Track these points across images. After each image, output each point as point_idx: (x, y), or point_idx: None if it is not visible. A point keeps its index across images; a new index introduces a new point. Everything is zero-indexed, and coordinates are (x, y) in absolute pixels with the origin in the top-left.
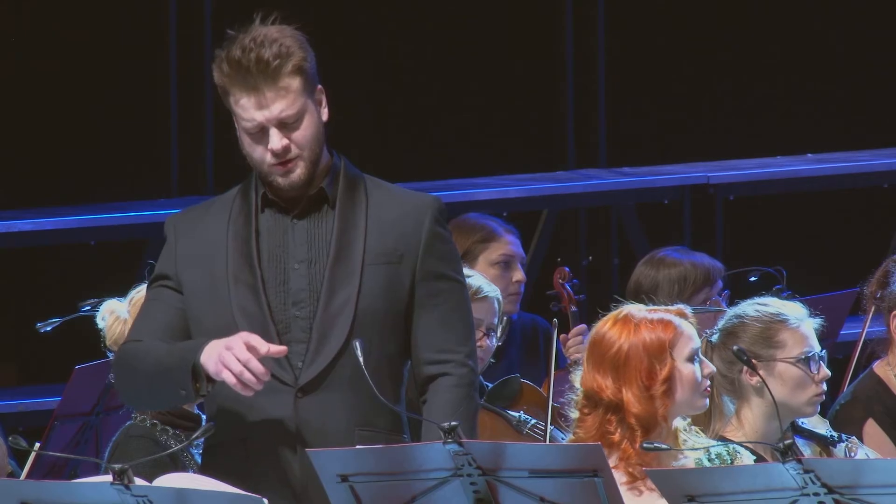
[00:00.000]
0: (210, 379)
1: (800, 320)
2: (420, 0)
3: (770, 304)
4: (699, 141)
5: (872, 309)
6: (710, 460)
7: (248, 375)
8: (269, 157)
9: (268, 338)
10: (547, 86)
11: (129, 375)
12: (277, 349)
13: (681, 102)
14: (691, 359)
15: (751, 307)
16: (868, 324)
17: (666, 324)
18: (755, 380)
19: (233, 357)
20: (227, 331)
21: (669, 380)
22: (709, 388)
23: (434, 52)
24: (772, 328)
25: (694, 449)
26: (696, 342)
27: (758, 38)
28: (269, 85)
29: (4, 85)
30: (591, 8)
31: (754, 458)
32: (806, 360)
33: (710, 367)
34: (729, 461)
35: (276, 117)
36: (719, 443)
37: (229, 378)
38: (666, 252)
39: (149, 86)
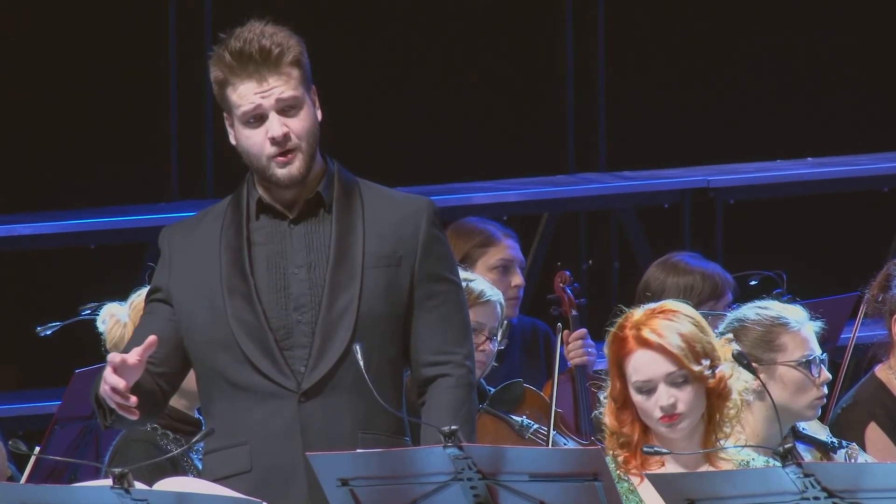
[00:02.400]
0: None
1: (800, 324)
2: (419, 2)
3: (770, 308)
4: (699, 144)
5: (863, 312)
6: None
7: (117, 399)
8: (268, 147)
9: (266, 346)
10: (547, 89)
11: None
12: (139, 352)
13: (681, 106)
14: (641, 390)
15: (751, 310)
16: (857, 328)
17: (623, 340)
18: (756, 384)
19: (107, 387)
20: (226, 342)
21: (620, 399)
22: (668, 419)
23: (433, 55)
24: (772, 332)
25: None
26: (657, 373)
27: (758, 42)
28: (271, 71)
29: (4, 87)
30: (591, 11)
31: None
32: (807, 364)
33: (666, 401)
34: None
35: (278, 98)
36: (759, 455)
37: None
38: (681, 257)
39: (149, 89)
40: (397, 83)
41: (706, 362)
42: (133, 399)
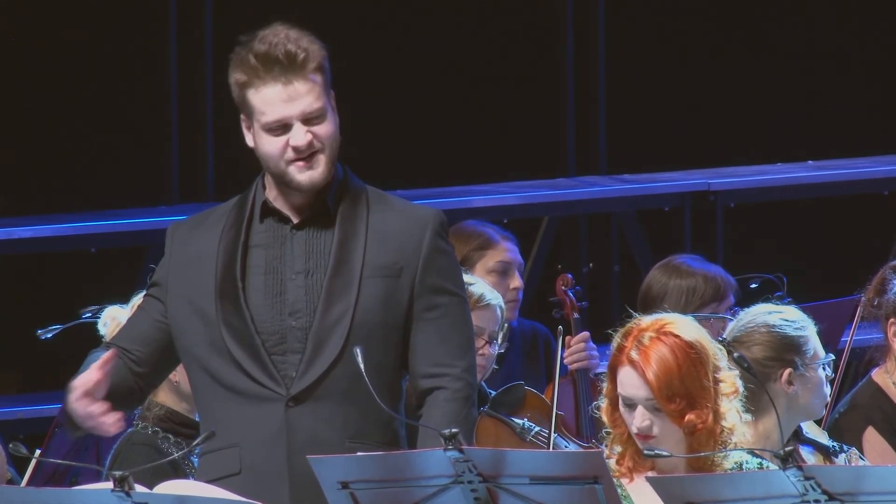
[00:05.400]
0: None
1: (812, 326)
2: (419, 5)
3: (786, 311)
4: (700, 148)
5: (860, 316)
6: None
7: (90, 424)
8: (289, 152)
9: (255, 350)
10: (547, 92)
11: None
12: (98, 366)
13: (681, 109)
14: (624, 403)
15: (773, 317)
16: (854, 332)
17: (620, 350)
18: (791, 388)
19: (80, 415)
20: (217, 345)
21: (612, 401)
22: (642, 439)
23: (433, 57)
24: (803, 335)
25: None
26: (637, 395)
27: (758, 45)
28: (297, 77)
29: (4, 91)
30: (592, 14)
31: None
32: (827, 364)
33: (641, 423)
34: None
35: (304, 111)
36: (753, 457)
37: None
38: (682, 260)
39: (149, 92)
40: (397, 85)
41: (681, 402)
42: (116, 416)
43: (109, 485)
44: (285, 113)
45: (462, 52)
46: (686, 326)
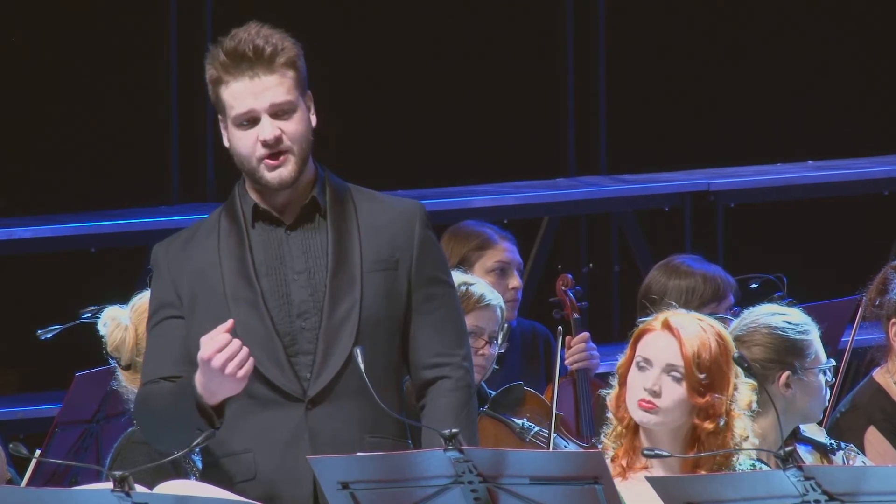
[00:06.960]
0: (218, 412)
1: (816, 331)
2: (419, 6)
3: (790, 314)
4: (700, 148)
5: (861, 316)
6: None
7: (240, 369)
8: (258, 149)
9: (274, 353)
10: (547, 93)
11: (150, 421)
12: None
13: (681, 109)
14: (639, 364)
15: (776, 319)
16: (856, 332)
17: (654, 320)
18: (788, 391)
19: (226, 366)
20: None
21: (623, 374)
22: (645, 404)
23: (433, 58)
24: (804, 339)
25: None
26: (661, 358)
27: (758, 45)
28: (265, 71)
29: (4, 91)
30: (592, 15)
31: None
32: (828, 370)
33: (652, 385)
34: None
35: (271, 102)
36: (746, 460)
37: (238, 382)
38: (682, 260)
39: (149, 92)
40: (396, 85)
41: (705, 378)
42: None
43: (109, 485)
44: (253, 105)
45: (462, 53)
46: (720, 324)
